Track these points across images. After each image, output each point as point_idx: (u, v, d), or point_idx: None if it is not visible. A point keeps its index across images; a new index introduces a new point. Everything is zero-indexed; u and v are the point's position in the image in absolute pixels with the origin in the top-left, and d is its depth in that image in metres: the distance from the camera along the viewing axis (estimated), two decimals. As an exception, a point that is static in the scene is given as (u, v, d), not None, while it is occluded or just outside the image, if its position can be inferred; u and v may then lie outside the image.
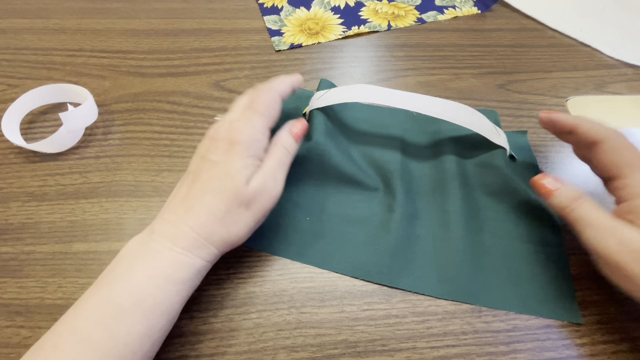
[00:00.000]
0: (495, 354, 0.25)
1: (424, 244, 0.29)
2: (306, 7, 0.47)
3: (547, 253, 0.29)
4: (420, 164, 0.33)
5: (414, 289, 0.27)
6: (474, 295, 0.27)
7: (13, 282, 0.27)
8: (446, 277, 0.28)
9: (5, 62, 0.39)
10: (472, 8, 0.48)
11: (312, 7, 0.47)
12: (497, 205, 0.31)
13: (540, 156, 0.35)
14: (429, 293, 0.27)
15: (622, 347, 0.26)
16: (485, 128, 0.31)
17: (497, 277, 0.28)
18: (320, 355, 0.25)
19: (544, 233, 0.30)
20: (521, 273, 0.28)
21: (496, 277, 0.28)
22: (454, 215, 0.30)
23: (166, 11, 0.45)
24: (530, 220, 0.30)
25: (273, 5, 0.47)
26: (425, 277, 0.28)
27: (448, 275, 0.28)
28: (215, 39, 0.42)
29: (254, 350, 0.25)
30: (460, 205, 0.30)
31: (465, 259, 0.28)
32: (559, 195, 0.26)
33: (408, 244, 0.29)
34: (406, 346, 0.25)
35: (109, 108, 0.36)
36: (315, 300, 0.27)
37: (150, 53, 0.41)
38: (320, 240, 0.29)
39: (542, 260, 0.29)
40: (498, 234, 0.30)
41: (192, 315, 0.26)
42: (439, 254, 0.28)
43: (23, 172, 0.32)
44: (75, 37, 0.41)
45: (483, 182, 0.32)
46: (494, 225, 0.30)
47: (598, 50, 0.44)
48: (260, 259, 0.29)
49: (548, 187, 0.26)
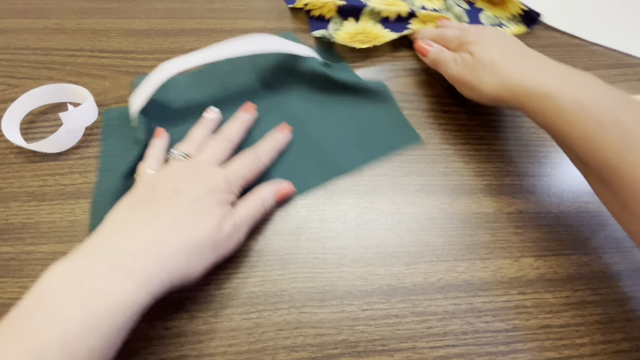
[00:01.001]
0: (495, 354, 0.25)
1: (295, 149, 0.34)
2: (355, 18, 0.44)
3: (374, 105, 0.37)
4: (263, 97, 0.37)
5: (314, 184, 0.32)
6: (336, 168, 0.33)
7: (13, 282, 0.27)
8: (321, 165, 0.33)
9: (6, 62, 0.39)
10: (520, 25, 0.46)
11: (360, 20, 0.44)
12: (325, 95, 0.37)
13: (540, 156, 0.35)
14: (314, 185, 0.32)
15: (622, 347, 0.26)
16: (290, 46, 0.36)
17: (344, 146, 0.34)
18: (320, 355, 0.25)
19: (365, 96, 0.37)
20: (360, 134, 0.35)
21: (343, 147, 0.34)
22: (301, 117, 0.36)
23: (166, 11, 0.45)
24: (354, 93, 0.37)
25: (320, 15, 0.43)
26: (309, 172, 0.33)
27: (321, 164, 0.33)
28: (215, 39, 0.42)
29: (254, 350, 0.25)
30: (303, 109, 0.36)
31: (322, 146, 0.34)
32: (432, 53, 0.36)
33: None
34: (406, 346, 0.25)
35: (109, 108, 0.36)
36: (315, 300, 0.27)
37: (150, 53, 0.41)
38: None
39: (372, 113, 0.36)
40: (336, 113, 0.36)
41: (192, 315, 0.26)
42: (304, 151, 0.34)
43: (23, 172, 0.32)
44: (75, 37, 0.41)
45: (310, 82, 0.37)
46: (329, 109, 0.37)
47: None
48: (260, 259, 0.29)
49: (424, 48, 0.36)
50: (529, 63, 0.30)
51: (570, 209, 0.32)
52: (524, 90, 0.28)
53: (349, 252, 0.29)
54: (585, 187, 0.33)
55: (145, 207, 0.24)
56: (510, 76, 0.29)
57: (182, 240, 0.23)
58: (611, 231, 0.31)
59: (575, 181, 0.33)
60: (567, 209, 0.32)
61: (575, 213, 0.32)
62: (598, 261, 0.30)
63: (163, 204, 0.24)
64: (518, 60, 0.30)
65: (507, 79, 0.29)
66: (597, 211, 0.32)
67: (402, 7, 0.43)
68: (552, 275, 0.29)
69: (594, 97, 0.25)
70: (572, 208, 0.32)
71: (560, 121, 0.26)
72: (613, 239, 0.31)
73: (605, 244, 0.30)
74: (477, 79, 0.31)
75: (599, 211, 0.32)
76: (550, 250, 0.30)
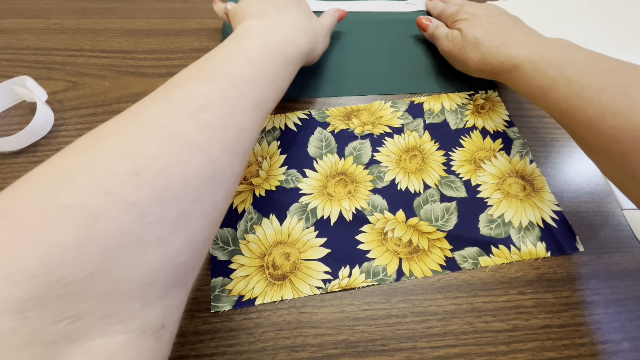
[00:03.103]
0: (495, 354, 0.25)
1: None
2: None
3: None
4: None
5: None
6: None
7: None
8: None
9: (6, 62, 0.39)
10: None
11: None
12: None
13: (540, 156, 0.35)
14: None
15: (622, 347, 0.26)
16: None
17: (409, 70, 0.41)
18: (320, 355, 0.25)
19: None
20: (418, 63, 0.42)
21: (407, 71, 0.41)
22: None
23: (166, 11, 0.45)
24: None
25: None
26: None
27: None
28: (215, 39, 0.42)
29: (254, 350, 0.25)
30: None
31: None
32: (430, 29, 0.41)
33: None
34: (406, 346, 0.25)
35: (109, 108, 0.36)
36: (315, 300, 0.27)
37: (150, 53, 0.40)
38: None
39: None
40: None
41: (192, 315, 0.26)
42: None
43: (23, 172, 0.32)
44: (75, 37, 0.41)
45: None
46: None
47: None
48: (260, 259, 0.29)
49: (424, 24, 0.41)
50: (507, 38, 0.33)
51: (570, 209, 0.32)
52: (500, 64, 0.32)
53: (349, 252, 0.29)
54: (585, 187, 0.33)
55: (276, 3, 0.32)
56: (490, 53, 0.33)
57: (309, 27, 0.33)
58: (611, 231, 0.31)
59: (575, 181, 0.33)
60: (567, 209, 0.32)
61: (575, 213, 0.32)
62: (598, 261, 0.30)
63: (285, 4, 0.32)
64: (498, 36, 0.34)
65: (488, 56, 0.33)
66: (597, 211, 0.32)
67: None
68: (552, 275, 0.29)
69: (549, 59, 0.29)
70: (572, 208, 0.32)
71: (527, 86, 0.30)
72: (613, 239, 0.31)
73: (605, 244, 0.30)
74: (464, 55, 0.36)
75: (599, 211, 0.32)
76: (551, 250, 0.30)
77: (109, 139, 0.18)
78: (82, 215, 0.15)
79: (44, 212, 0.15)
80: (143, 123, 0.19)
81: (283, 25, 0.30)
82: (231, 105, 0.21)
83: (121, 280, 0.15)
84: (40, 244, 0.14)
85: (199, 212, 0.18)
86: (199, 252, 0.19)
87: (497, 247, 0.30)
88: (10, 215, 0.14)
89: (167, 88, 0.21)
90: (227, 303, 0.26)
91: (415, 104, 0.38)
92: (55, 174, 0.16)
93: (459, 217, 0.31)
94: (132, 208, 0.16)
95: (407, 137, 0.35)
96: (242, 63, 0.24)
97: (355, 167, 0.33)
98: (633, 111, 0.23)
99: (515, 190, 0.32)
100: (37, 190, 0.15)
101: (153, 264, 0.16)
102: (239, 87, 0.23)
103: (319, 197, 0.31)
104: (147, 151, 0.17)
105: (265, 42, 0.27)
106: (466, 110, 0.37)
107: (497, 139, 0.35)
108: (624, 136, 0.23)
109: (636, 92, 0.23)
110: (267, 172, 0.32)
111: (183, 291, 0.19)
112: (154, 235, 0.16)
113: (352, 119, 0.36)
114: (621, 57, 0.27)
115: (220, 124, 0.20)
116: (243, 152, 0.22)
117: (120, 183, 0.16)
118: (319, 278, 0.28)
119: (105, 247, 0.15)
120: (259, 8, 0.31)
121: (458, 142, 0.35)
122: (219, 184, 0.20)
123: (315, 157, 0.34)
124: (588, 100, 0.25)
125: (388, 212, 0.31)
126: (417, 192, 0.32)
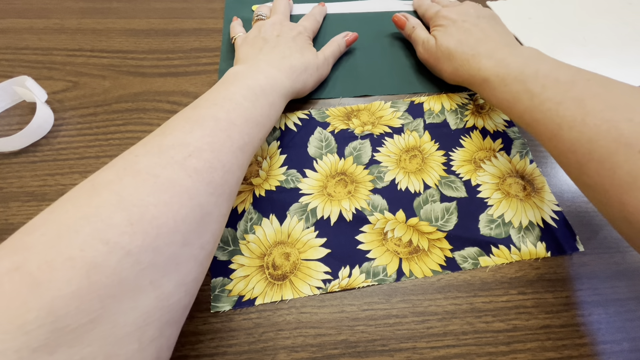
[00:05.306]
0: (495, 354, 0.25)
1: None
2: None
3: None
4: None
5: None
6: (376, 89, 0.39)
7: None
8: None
9: (6, 62, 0.39)
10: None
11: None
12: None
13: (540, 156, 0.35)
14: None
15: (622, 347, 0.26)
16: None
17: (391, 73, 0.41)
18: (320, 355, 0.25)
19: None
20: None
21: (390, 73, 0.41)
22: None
23: (166, 11, 0.45)
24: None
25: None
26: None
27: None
28: (215, 39, 0.42)
29: (254, 350, 0.25)
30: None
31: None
32: (407, 29, 0.41)
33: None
34: (406, 346, 0.25)
35: (109, 108, 0.36)
36: (315, 300, 0.27)
37: (150, 53, 0.41)
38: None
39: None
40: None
41: (192, 315, 0.26)
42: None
43: (23, 172, 0.32)
44: (75, 37, 0.41)
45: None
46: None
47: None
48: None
49: (401, 21, 0.41)
50: (477, 50, 0.34)
51: (570, 209, 0.32)
52: (470, 76, 0.33)
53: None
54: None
55: (262, 47, 0.34)
56: (462, 65, 0.34)
57: (297, 63, 0.33)
58: (611, 231, 0.31)
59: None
60: (567, 209, 0.32)
61: (575, 213, 0.32)
62: (598, 261, 0.30)
63: (274, 44, 0.34)
64: (470, 48, 0.34)
65: (459, 69, 0.34)
66: (597, 211, 0.32)
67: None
68: (552, 275, 0.29)
69: (513, 73, 0.30)
70: (572, 208, 0.32)
71: (494, 98, 0.31)
72: (613, 239, 0.31)
73: (605, 244, 0.30)
74: (438, 66, 0.37)
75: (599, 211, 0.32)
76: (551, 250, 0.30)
77: (106, 190, 0.19)
78: (84, 266, 0.16)
79: (51, 264, 0.16)
80: (137, 173, 0.20)
81: (267, 67, 0.31)
82: (218, 150, 0.23)
83: (119, 324, 0.16)
84: (48, 295, 0.15)
85: (188, 254, 0.20)
86: (189, 293, 0.20)
87: (497, 247, 0.30)
88: (20, 268, 0.16)
89: (159, 137, 0.23)
90: (227, 303, 0.26)
91: (415, 104, 0.38)
92: (59, 227, 0.17)
93: (459, 217, 0.31)
94: (128, 256, 0.17)
95: (407, 137, 0.35)
96: (229, 107, 0.25)
97: (355, 167, 0.33)
98: (587, 124, 0.24)
99: (515, 190, 0.32)
100: (43, 243, 0.17)
101: (147, 306, 0.17)
102: (226, 131, 0.24)
103: (319, 197, 0.31)
104: (141, 201, 0.19)
105: (250, 85, 0.28)
106: (466, 110, 0.37)
107: (497, 139, 0.35)
108: (580, 147, 0.24)
109: (589, 105, 0.25)
110: (267, 172, 0.32)
111: (175, 331, 0.20)
112: (147, 279, 0.17)
113: (352, 119, 0.36)
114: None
115: (208, 168, 0.22)
116: (229, 193, 0.23)
117: (117, 233, 0.17)
118: (319, 278, 0.28)
119: (105, 294, 0.16)
120: (250, 51, 0.34)
121: (458, 142, 0.35)
122: (206, 225, 0.21)
123: (315, 157, 0.34)
124: (547, 113, 0.26)
125: (388, 212, 0.31)
126: (417, 192, 0.32)
